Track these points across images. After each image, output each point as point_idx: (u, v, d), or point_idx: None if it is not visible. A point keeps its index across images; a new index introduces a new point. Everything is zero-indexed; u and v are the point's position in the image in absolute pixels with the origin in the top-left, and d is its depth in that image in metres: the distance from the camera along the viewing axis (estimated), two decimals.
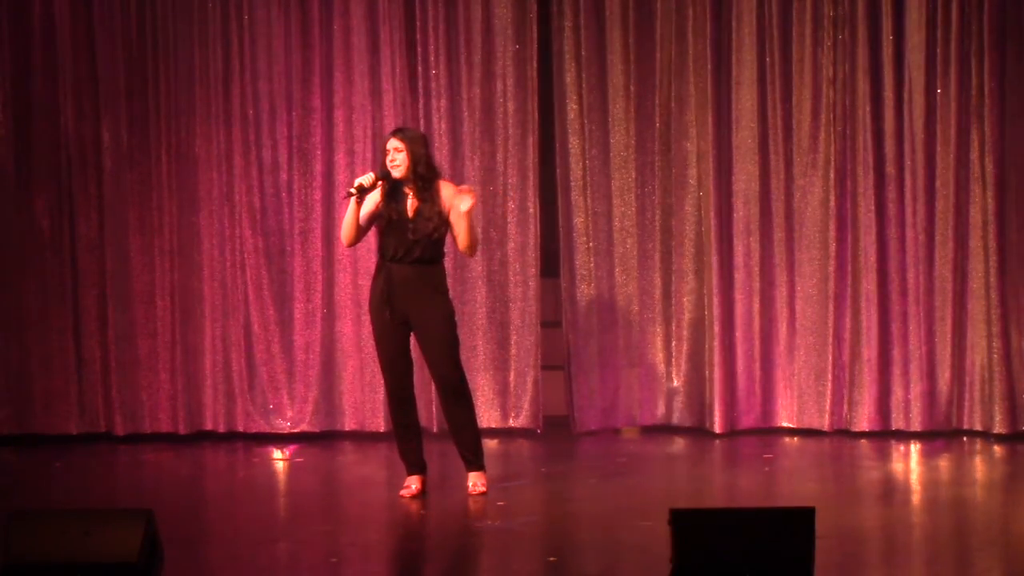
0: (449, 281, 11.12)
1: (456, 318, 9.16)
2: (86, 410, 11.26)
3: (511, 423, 11.23)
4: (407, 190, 9.02)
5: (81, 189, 11.22)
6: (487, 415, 11.12)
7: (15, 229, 11.21)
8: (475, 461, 9.15)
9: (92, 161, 11.21)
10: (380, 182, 8.99)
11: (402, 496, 9.08)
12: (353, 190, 8.96)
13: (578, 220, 11.18)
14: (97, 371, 11.25)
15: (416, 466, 9.17)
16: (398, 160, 8.97)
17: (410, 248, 8.95)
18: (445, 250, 9.16)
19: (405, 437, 9.17)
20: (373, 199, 9.03)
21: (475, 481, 9.14)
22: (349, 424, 11.23)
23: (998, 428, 10.82)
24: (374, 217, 9.05)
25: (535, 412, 11.19)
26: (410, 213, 8.98)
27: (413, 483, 9.14)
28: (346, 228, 9.05)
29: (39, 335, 11.21)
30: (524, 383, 11.22)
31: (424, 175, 9.01)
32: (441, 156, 11.12)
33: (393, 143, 9.02)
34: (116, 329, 11.19)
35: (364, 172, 11.05)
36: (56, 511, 7.07)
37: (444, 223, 9.00)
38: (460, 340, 9.19)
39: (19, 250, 11.22)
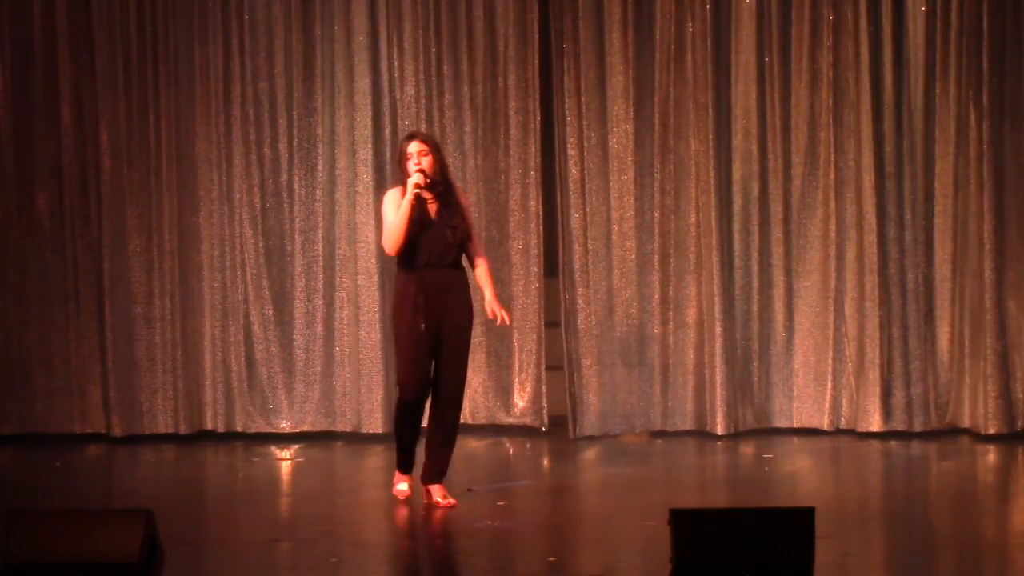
0: None
1: None
2: (86, 410, 11.26)
3: (513, 422, 11.22)
4: (426, 194, 8.72)
5: (81, 189, 11.22)
6: (489, 413, 11.12)
7: (15, 229, 11.22)
8: (443, 474, 8.96)
9: (92, 161, 11.21)
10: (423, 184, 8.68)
11: (397, 495, 9.02)
12: (416, 189, 8.58)
13: (577, 221, 11.17)
14: (97, 371, 11.25)
15: (411, 467, 9.05)
16: (424, 163, 8.66)
17: (444, 252, 8.70)
18: None
19: (412, 440, 8.94)
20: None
21: (443, 493, 8.90)
22: (348, 424, 11.23)
23: (997, 428, 10.82)
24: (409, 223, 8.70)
25: (538, 411, 11.18)
26: (434, 216, 8.71)
27: (405, 483, 9.04)
28: (398, 233, 8.61)
29: (39, 335, 11.21)
30: (527, 382, 11.22)
31: (448, 179, 8.81)
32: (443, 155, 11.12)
33: (416, 146, 8.71)
34: (116, 329, 11.19)
35: (365, 173, 11.11)
36: (56, 511, 7.07)
37: (469, 226, 8.86)
38: None
39: (19, 250, 11.22)
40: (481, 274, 8.89)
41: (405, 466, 9.06)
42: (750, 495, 9.34)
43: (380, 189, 11.15)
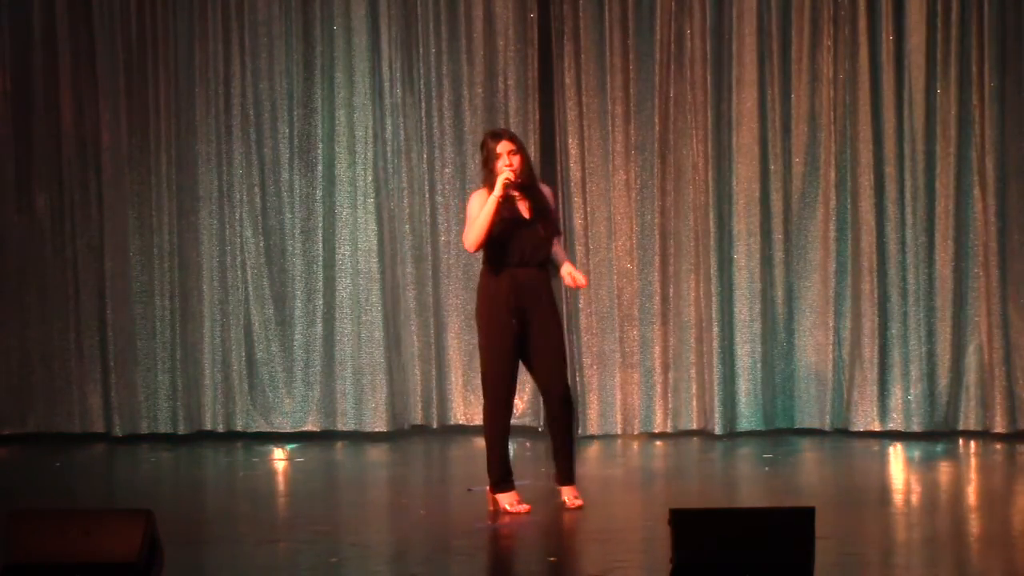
0: (453, 279, 11.16)
1: None
2: (86, 410, 11.27)
3: (513, 421, 11.17)
4: (514, 193, 8.55)
5: (81, 189, 11.23)
6: None
7: (15, 229, 11.23)
8: (573, 474, 8.85)
9: (92, 161, 11.23)
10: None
11: (512, 512, 8.60)
12: (507, 185, 8.44)
13: (577, 221, 11.18)
14: (97, 371, 11.26)
15: (511, 475, 8.75)
16: (515, 163, 8.49)
17: (536, 250, 8.57)
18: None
19: (504, 445, 8.75)
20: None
21: (575, 493, 8.74)
22: (349, 424, 11.23)
23: (997, 428, 10.83)
24: (495, 222, 8.54)
25: (537, 411, 11.18)
26: (527, 215, 8.57)
27: (513, 499, 8.70)
28: (481, 230, 8.45)
29: (39, 335, 11.23)
30: (527, 382, 11.20)
31: (535, 177, 8.71)
32: (443, 155, 11.13)
33: (506, 145, 8.53)
34: (115, 329, 11.20)
35: (365, 173, 11.11)
36: (56, 511, 7.06)
37: (559, 224, 8.76)
38: None
39: (19, 250, 11.23)
40: (557, 253, 8.74)
41: (505, 475, 8.72)
42: (750, 495, 9.34)
43: (380, 189, 11.18)
